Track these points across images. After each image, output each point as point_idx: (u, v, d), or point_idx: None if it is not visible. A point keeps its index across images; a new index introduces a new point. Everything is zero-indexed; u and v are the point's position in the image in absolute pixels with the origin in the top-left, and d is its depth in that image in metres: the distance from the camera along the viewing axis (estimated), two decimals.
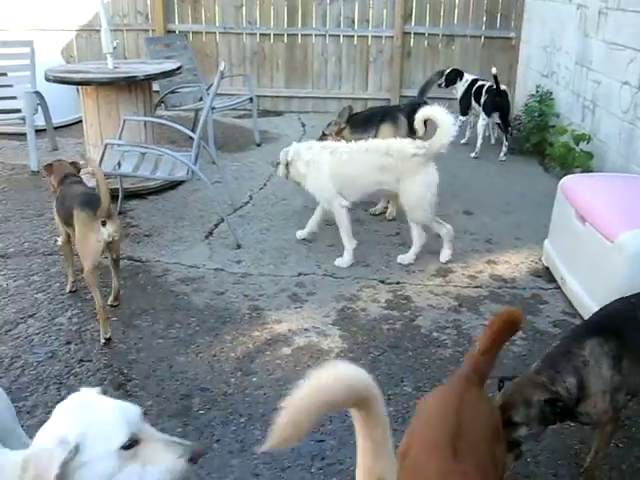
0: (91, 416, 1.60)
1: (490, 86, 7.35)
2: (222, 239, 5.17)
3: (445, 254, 4.85)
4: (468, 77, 7.68)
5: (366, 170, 4.72)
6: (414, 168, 4.63)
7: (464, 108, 7.69)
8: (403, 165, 4.64)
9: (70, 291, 4.34)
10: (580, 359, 2.54)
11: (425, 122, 4.90)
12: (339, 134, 5.66)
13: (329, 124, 5.86)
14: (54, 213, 4.29)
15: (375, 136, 5.48)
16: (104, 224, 3.75)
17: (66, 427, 1.55)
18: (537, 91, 7.69)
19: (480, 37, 9.23)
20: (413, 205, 4.72)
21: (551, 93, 7.53)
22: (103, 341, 3.76)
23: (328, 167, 4.78)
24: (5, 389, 3.28)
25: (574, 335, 2.74)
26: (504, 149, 7.35)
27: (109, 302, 4.14)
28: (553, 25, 7.64)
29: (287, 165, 5.02)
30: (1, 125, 7.53)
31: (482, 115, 7.36)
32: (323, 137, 5.75)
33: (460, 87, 7.70)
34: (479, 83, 7.57)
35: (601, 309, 2.97)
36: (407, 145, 4.69)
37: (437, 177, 4.69)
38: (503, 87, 7.31)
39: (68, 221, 3.95)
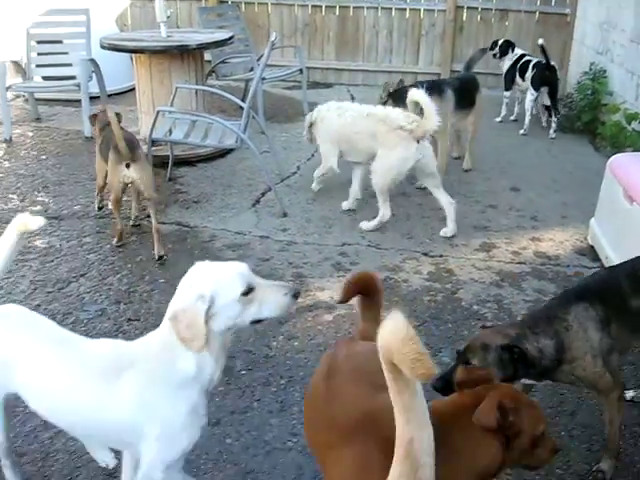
0: (216, 276, 2.10)
1: (538, 61, 7.28)
2: (269, 207, 5.25)
3: (448, 229, 4.86)
4: (517, 51, 7.60)
5: (362, 134, 4.91)
6: (397, 140, 4.70)
7: (508, 82, 7.66)
8: (389, 134, 4.74)
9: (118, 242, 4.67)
10: (563, 323, 2.55)
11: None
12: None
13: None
14: (96, 154, 4.90)
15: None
16: (128, 166, 4.32)
17: (200, 286, 2.05)
18: (590, 69, 7.56)
19: (534, 12, 9.08)
20: (379, 171, 4.81)
21: (605, 71, 7.40)
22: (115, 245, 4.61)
23: (335, 126, 5.04)
24: None
25: (560, 300, 2.73)
26: (553, 126, 7.28)
27: (130, 223, 4.95)
28: (609, 1, 7.48)
29: (311, 127, 5.26)
30: (56, 91, 7.71)
31: (530, 90, 7.27)
32: None
33: (507, 61, 7.64)
34: (526, 58, 7.51)
35: (586, 277, 3.06)
36: (400, 116, 4.77)
37: (414, 159, 4.70)
38: (552, 62, 7.22)
39: (106, 161, 4.54)
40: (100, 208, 5.17)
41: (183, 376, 2.09)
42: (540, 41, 7.16)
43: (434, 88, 5.57)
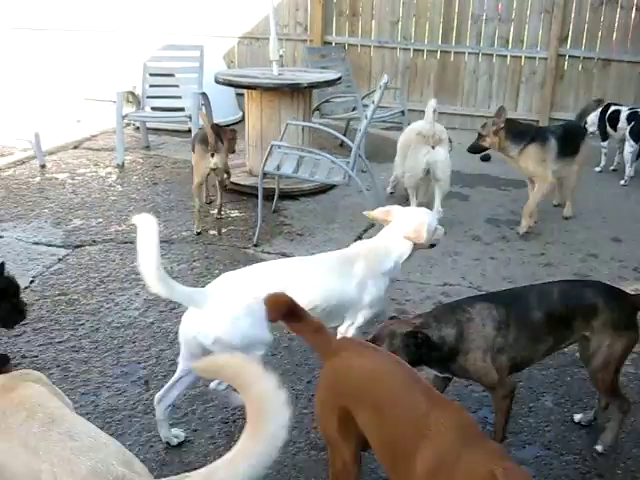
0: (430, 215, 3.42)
1: (634, 111, 7.29)
2: None
3: None
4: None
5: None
6: (415, 143, 5.70)
7: (602, 134, 7.69)
8: (413, 139, 5.78)
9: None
10: (466, 315, 2.80)
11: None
12: (497, 134, 5.60)
13: (484, 124, 5.80)
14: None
15: (520, 152, 5.55)
16: (212, 156, 5.33)
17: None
18: None
19: (638, 63, 9.02)
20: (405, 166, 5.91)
21: None
22: (195, 232, 5.48)
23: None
24: (170, 360, 3.65)
25: (470, 298, 3.06)
26: None
27: (215, 215, 5.89)
28: None
29: None
30: (166, 122, 8.11)
31: (629, 141, 7.25)
32: (480, 138, 5.75)
33: (592, 116, 7.56)
34: (613, 108, 7.53)
35: (501, 290, 3.34)
36: (421, 124, 5.78)
37: (424, 163, 5.62)
38: None
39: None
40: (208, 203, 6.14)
41: (387, 268, 3.27)
42: None
43: (538, 135, 5.63)
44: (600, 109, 7.52)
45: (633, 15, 8.93)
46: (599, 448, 3.08)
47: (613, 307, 2.94)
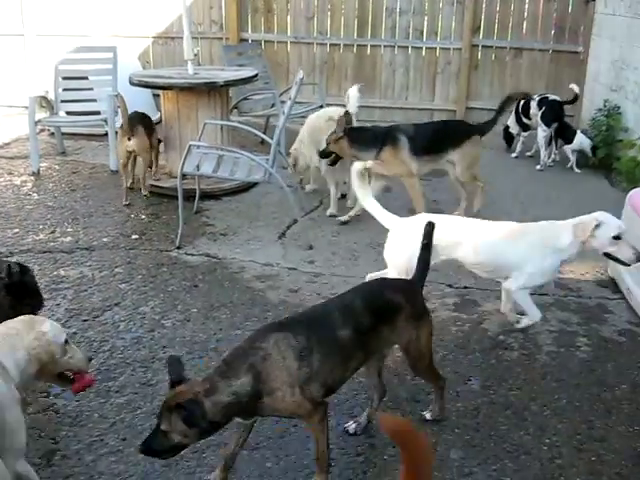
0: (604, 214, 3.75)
1: (543, 97, 7.60)
2: (294, 240, 5.37)
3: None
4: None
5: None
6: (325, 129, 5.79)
7: (521, 126, 8.04)
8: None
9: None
10: (260, 353, 2.49)
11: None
12: (337, 142, 5.50)
13: (334, 131, 5.62)
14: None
15: (377, 157, 5.44)
16: (129, 139, 5.91)
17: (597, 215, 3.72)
18: (605, 105, 7.72)
19: (548, 51, 9.28)
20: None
21: (619, 107, 7.55)
22: (123, 204, 6.09)
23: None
24: (95, 369, 3.57)
25: (263, 329, 2.70)
26: (552, 156, 7.72)
27: (143, 193, 6.32)
28: (622, 40, 7.66)
29: None
30: (82, 126, 7.91)
31: (541, 126, 7.52)
32: (327, 145, 5.63)
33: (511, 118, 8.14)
34: (523, 101, 7.84)
35: (298, 313, 3.13)
36: (333, 110, 6.16)
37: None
38: (555, 97, 7.62)
39: None
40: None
41: (557, 247, 3.72)
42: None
43: (388, 137, 5.59)
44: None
45: (541, 5, 9.18)
46: (427, 415, 3.22)
47: (411, 300, 2.95)
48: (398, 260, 3.83)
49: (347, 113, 5.66)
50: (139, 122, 6.09)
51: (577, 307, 4.39)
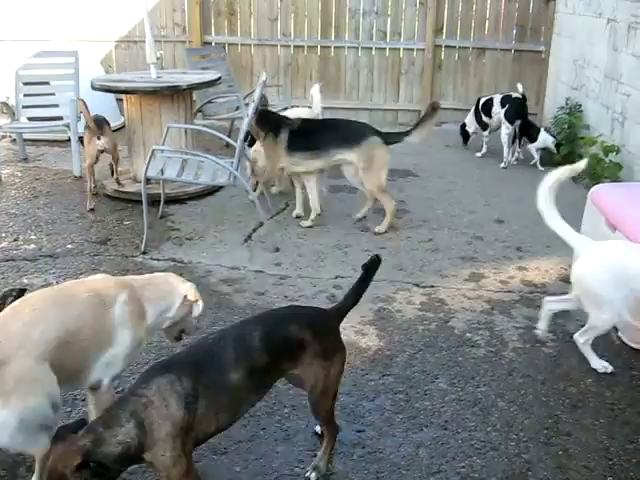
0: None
1: (504, 97, 7.71)
2: (261, 243, 5.36)
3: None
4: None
5: None
6: None
7: (481, 125, 8.11)
8: None
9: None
10: (142, 400, 2.28)
11: None
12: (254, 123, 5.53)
13: None
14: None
15: (262, 142, 5.73)
16: (99, 138, 5.99)
17: None
18: (567, 103, 7.83)
19: (510, 50, 9.39)
20: None
21: (580, 105, 7.66)
22: (88, 209, 6.04)
23: None
24: None
25: (146, 373, 2.45)
26: (516, 154, 7.80)
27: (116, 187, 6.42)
28: (583, 39, 7.77)
29: None
30: (44, 132, 7.82)
31: (505, 124, 7.59)
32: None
33: (469, 117, 8.29)
34: (484, 99, 8.01)
35: (191, 346, 2.82)
36: (301, 111, 6.45)
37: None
38: (518, 95, 7.72)
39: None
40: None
41: None
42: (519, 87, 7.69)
43: (276, 126, 5.63)
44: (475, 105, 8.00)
45: (503, 4, 9.27)
46: (312, 476, 2.82)
47: (322, 337, 2.66)
48: (593, 289, 3.53)
49: (263, 96, 5.86)
50: (105, 121, 6.14)
51: (542, 303, 4.42)
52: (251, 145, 5.80)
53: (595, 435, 3.14)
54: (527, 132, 7.65)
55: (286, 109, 7.79)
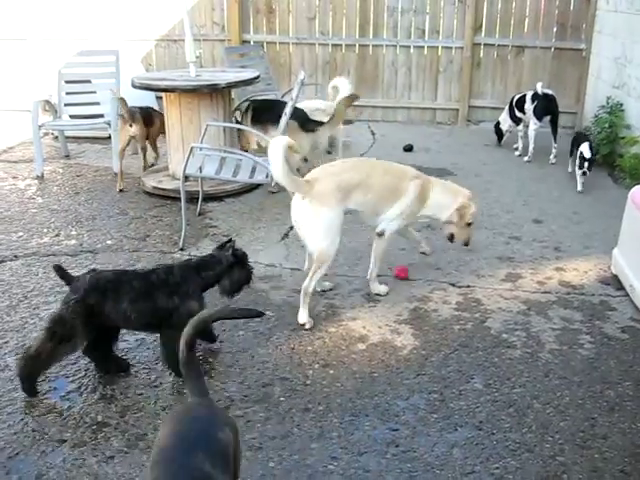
0: None
1: (535, 93, 7.65)
2: (297, 241, 5.32)
3: None
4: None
5: None
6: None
7: (514, 120, 8.09)
8: None
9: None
10: None
11: None
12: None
13: None
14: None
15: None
16: (131, 126, 6.61)
17: None
18: (607, 102, 7.72)
19: (550, 48, 9.27)
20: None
21: (622, 104, 7.54)
22: (118, 190, 6.62)
23: None
24: (99, 372, 3.58)
25: None
26: (554, 151, 7.64)
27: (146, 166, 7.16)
28: (624, 36, 7.65)
29: None
30: (85, 129, 7.95)
31: (533, 119, 7.60)
32: None
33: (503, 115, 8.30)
34: (518, 96, 8.00)
35: None
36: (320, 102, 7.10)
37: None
38: (548, 91, 7.68)
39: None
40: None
41: None
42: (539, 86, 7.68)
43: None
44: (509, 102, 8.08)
45: (543, 2, 9.17)
46: None
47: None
48: None
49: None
50: (139, 113, 6.79)
51: (580, 305, 4.39)
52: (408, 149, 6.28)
53: (632, 439, 3.11)
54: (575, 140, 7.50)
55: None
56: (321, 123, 6.15)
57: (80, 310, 3.30)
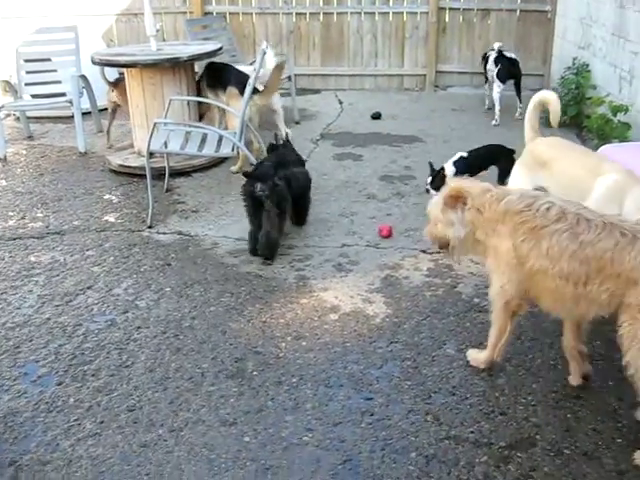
0: None
1: (498, 56, 7.75)
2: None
3: None
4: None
5: None
6: None
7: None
8: None
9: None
10: None
11: None
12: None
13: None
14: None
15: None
16: (112, 91, 6.91)
17: None
18: (573, 63, 7.71)
19: (515, 10, 9.23)
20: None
21: (588, 65, 7.54)
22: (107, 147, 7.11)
23: None
24: (69, 354, 3.55)
25: None
26: (519, 110, 7.67)
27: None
28: None
29: None
30: (47, 109, 7.79)
31: (496, 82, 7.65)
32: None
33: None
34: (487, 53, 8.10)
35: None
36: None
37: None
38: (512, 55, 7.78)
39: None
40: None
41: None
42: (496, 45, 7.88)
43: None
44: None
45: None
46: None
47: None
48: None
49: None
50: (123, 79, 6.71)
51: None
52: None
53: (604, 397, 3.13)
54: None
55: (290, 78, 7.76)
56: (257, 91, 6.00)
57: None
